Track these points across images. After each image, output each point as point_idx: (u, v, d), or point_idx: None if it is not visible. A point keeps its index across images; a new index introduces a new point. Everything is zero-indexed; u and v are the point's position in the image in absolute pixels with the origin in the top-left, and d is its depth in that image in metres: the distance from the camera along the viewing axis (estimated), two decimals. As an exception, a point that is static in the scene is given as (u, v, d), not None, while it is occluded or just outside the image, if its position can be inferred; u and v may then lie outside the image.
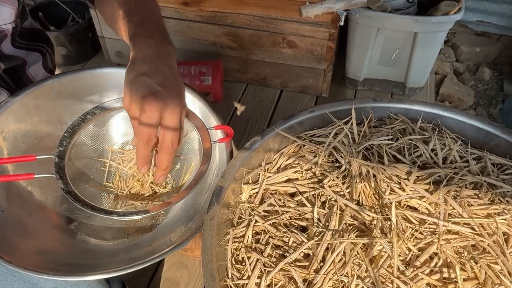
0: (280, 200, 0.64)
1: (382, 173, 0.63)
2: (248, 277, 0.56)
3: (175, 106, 0.55)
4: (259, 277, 0.55)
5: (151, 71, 0.57)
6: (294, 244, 0.58)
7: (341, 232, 0.57)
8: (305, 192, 0.64)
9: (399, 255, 0.55)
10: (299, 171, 0.67)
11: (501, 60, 1.98)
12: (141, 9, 0.66)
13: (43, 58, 0.92)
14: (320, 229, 0.58)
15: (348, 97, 1.67)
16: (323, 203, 0.62)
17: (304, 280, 0.55)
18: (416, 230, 0.57)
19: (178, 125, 0.57)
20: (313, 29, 1.45)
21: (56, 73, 0.95)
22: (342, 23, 1.38)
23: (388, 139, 0.69)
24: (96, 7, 0.81)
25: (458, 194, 0.60)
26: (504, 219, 0.57)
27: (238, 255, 0.59)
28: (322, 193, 0.63)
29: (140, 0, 0.68)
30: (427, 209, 0.59)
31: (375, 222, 0.58)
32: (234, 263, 0.58)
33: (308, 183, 0.65)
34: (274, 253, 0.58)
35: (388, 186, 0.61)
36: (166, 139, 0.57)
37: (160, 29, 0.65)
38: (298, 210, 0.62)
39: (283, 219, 0.61)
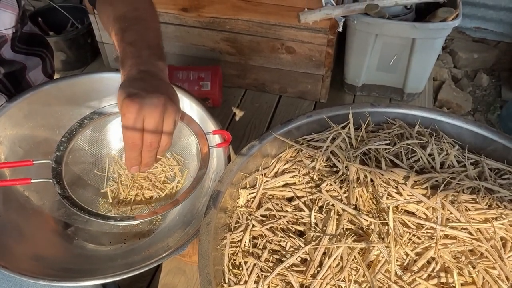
0: (277, 204, 0.64)
1: (380, 178, 0.63)
2: (245, 282, 0.55)
3: (153, 107, 0.55)
4: (256, 282, 0.55)
5: (132, 82, 0.58)
6: (291, 249, 0.58)
7: (339, 237, 0.57)
8: (302, 196, 0.64)
9: (397, 260, 0.55)
10: (296, 175, 0.67)
11: (499, 66, 1.99)
12: (134, 25, 0.66)
13: (42, 63, 0.93)
14: (318, 234, 0.58)
15: (346, 102, 1.68)
16: (321, 207, 0.62)
17: (301, 285, 0.55)
18: (414, 235, 0.57)
19: (157, 125, 0.57)
20: (312, 35, 1.45)
21: (54, 78, 0.95)
22: (340, 29, 1.38)
23: (386, 144, 0.69)
24: (96, 11, 0.81)
25: (455, 199, 0.60)
26: (502, 224, 0.57)
27: (235, 259, 0.59)
28: (320, 197, 0.63)
29: (134, 16, 0.67)
30: (424, 213, 0.59)
31: (372, 226, 0.58)
32: (231, 267, 0.58)
33: (305, 188, 0.65)
34: (271, 257, 0.58)
35: (385, 190, 0.61)
36: (145, 139, 0.57)
37: (152, 44, 0.64)
38: (295, 215, 0.62)
39: (280, 224, 0.61)
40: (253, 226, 0.61)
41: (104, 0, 0.74)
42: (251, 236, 0.61)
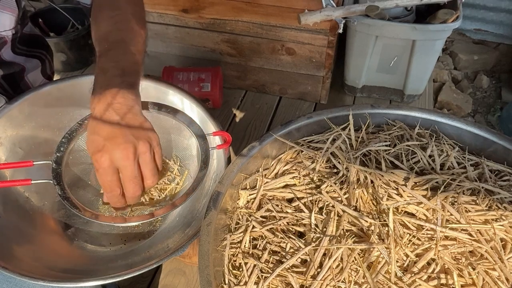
0: (277, 205, 0.64)
1: (380, 179, 0.63)
2: (245, 283, 0.55)
3: (124, 159, 0.55)
4: (256, 283, 0.55)
5: (99, 127, 0.57)
6: (292, 250, 0.58)
7: (339, 238, 0.57)
8: (302, 197, 0.64)
9: (397, 261, 0.55)
10: (296, 176, 0.67)
11: (499, 68, 1.99)
12: (111, 52, 0.63)
13: (42, 64, 0.93)
14: (318, 235, 0.58)
15: (346, 104, 1.68)
16: (321, 209, 0.62)
17: (301, 286, 0.55)
18: (414, 236, 0.57)
19: (134, 174, 0.57)
20: (312, 36, 1.45)
21: (54, 79, 0.95)
22: (340, 31, 1.38)
23: (386, 145, 0.69)
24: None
25: (455, 200, 0.60)
26: (502, 225, 0.57)
27: (235, 260, 0.59)
28: (320, 198, 0.63)
29: (115, 40, 0.65)
30: (424, 215, 0.59)
31: (372, 228, 0.58)
32: (231, 268, 0.58)
33: (305, 189, 0.65)
34: (271, 258, 0.58)
35: (385, 192, 0.61)
36: (125, 188, 0.58)
37: (126, 72, 0.62)
38: (295, 216, 0.62)
39: (280, 225, 0.61)
40: (253, 227, 0.61)
41: (92, 18, 0.72)
42: (251, 237, 0.61)
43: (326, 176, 0.66)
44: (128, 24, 0.68)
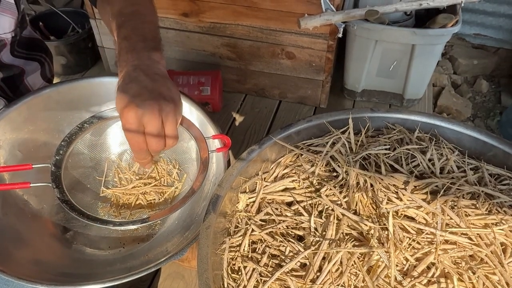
0: (277, 209, 0.64)
1: (380, 183, 0.63)
2: (244, 287, 0.55)
3: (151, 114, 0.57)
4: (255, 287, 0.55)
5: (127, 86, 0.59)
6: (291, 254, 0.58)
7: (338, 242, 0.57)
8: (302, 201, 0.64)
9: (396, 265, 0.55)
10: (296, 180, 0.67)
11: (499, 72, 1.99)
12: (130, 21, 0.67)
13: (41, 67, 0.93)
14: (317, 239, 0.58)
15: (346, 108, 1.68)
16: (320, 212, 0.62)
17: (301, 290, 0.54)
18: (414, 240, 0.57)
19: (159, 130, 0.59)
20: (312, 40, 1.45)
21: (54, 82, 0.95)
22: (340, 35, 1.39)
23: (386, 149, 0.69)
24: (98, 12, 0.82)
25: (455, 204, 0.60)
26: (502, 229, 0.57)
27: (234, 264, 0.58)
28: (319, 202, 0.62)
29: (131, 11, 0.68)
30: (424, 219, 0.59)
31: (372, 231, 0.58)
32: (230, 272, 0.58)
33: (305, 192, 0.65)
34: (270, 262, 0.57)
35: (385, 195, 0.61)
36: (149, 144, 0.60)
37: (148, 36, 0.65)
38: (295, 219, 0.61)
39: (280, 228, 0.61)
40: (253, 230, 0.61)
41: (103, 0, 0.75)
42: (251, 240, 0.60)
43: (325, 179, 0.66)
44: None
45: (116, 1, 0.71)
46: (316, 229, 0.60)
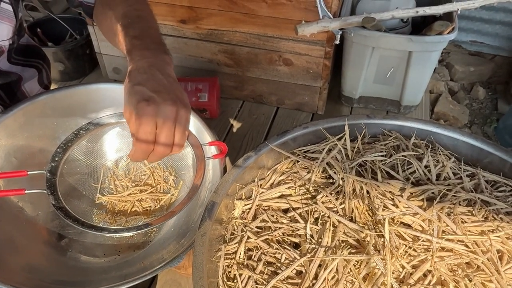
0: (273, 216, 0.63)
1: (376, 190, 0.63)
2: (240, 295, 0.55)
3: (166, 117, 0.56)
4: (251, 295, 0.54)
5: (144, 79, 0.58)
6: (287, 261, 0.57)
7: (334, 249, 0.56)
8: (298, 208, 0.64)
9: (393, 273, 0.54)
10: (292, 187, 0.67)
11: (495, 79, 2.00)
12: (137, 23, 0.67)
13: (39, 74, 0.92)
14: (313, 246, 0.58)
15: (343, 114, 1.67)
16: (316, 219, 0.62)
17: (297, 298, 0.54)
18: (410, 247, 0.56)
19: (169, 137, 0.57)
20: (309, 47, 1.46)
21: (52, 88, 0.95)
22: (337, 42, 1.39)
23: (382, 156, 0.69)
24: (95, 21, 0.82)
25: (451, 211, 0.60)
26: (498, 237, 0.57)
27: (229, 271, 0.58)
28: (315, 209, 0.62)
29: (136, 14, 0.69)
30: (420, 226, 0.59)
31: (368, 238, 0.57)
32: (225, 280, 0.57)
33: (301, 199, 0.65)
34: (266, 270, 0.57)
35: (381, 202, 0.61)
36: (158, 141, 0.57)
37: (156, 40, 0.66)
38: (291, 226, 0.61)
39: (275, 236, 0.60)
40: (248, 237, 0.60)
41: (103, 7, 0.75)
42: (246, 248, 0.60)
43: (321, 186, 0.65)
44: (142, 5, 0.72)
45: (119, 6, 0.71)
46: (312, 236, 0.60)
